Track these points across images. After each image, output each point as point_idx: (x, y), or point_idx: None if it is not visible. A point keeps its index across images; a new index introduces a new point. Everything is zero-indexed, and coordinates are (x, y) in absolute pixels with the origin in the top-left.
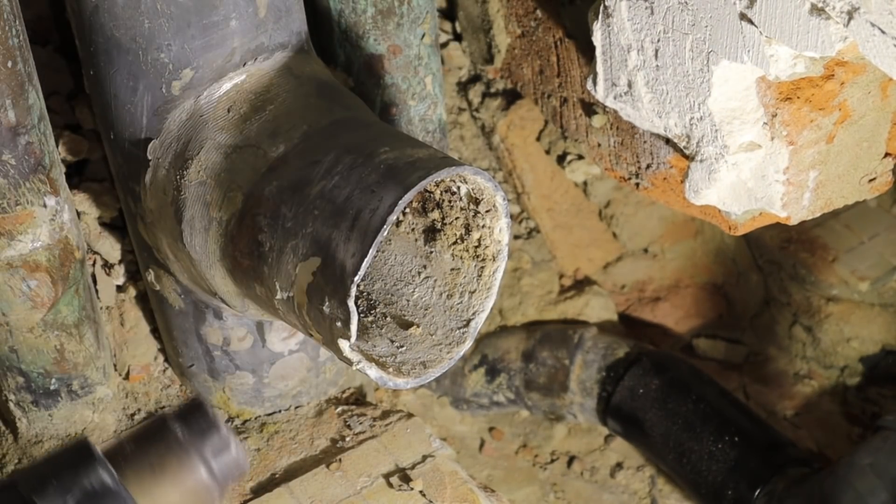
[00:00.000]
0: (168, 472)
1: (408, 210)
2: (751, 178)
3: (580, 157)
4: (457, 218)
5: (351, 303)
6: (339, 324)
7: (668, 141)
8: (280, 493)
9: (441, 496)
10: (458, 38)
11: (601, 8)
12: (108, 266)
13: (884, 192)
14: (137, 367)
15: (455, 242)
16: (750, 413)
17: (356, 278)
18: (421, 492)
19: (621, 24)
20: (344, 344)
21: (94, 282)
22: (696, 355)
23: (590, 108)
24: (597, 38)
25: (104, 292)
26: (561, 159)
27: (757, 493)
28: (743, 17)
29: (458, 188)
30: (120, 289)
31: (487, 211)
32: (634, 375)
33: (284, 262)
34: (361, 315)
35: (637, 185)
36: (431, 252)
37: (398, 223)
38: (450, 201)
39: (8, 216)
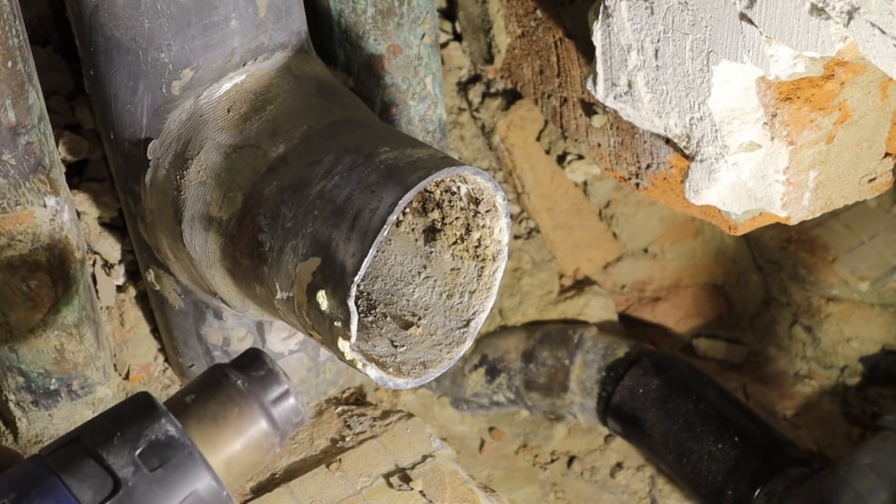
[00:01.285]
0: (230, 422)
1: (408, 210)
2: (751, 178)
3: (580, 157)
4: (457, 218)
5: (351, 303)
6: (339, 324)
7: (668, 141)
8: (280, 493)
9: (441, 496)
10: (458, 38)
11: (601, 8)
12: (108, 266)
13: (884, 192)
14: (137, 367)
15: (455, 242)
16: (750, 413)
17: (356, 278)
18: (421, 492)
19: (621, 24)
20: (344, 344)
21: (94, 282)
22: (696, 355)
23: (590, 108)
24: (597, 38)
25: (104, 292)
26: (561, 159)
27: (757, 493)
28: (743, 17)
29: (458, 188)
30: (120, 289)
31: (487, 211)
32: (634, 375)
33: (284, 262)
34: (361, 315)
35: (637, 185)
36: (431, 252)
37: (398, 223)
38: (450, 201)
39: (8, 216)
